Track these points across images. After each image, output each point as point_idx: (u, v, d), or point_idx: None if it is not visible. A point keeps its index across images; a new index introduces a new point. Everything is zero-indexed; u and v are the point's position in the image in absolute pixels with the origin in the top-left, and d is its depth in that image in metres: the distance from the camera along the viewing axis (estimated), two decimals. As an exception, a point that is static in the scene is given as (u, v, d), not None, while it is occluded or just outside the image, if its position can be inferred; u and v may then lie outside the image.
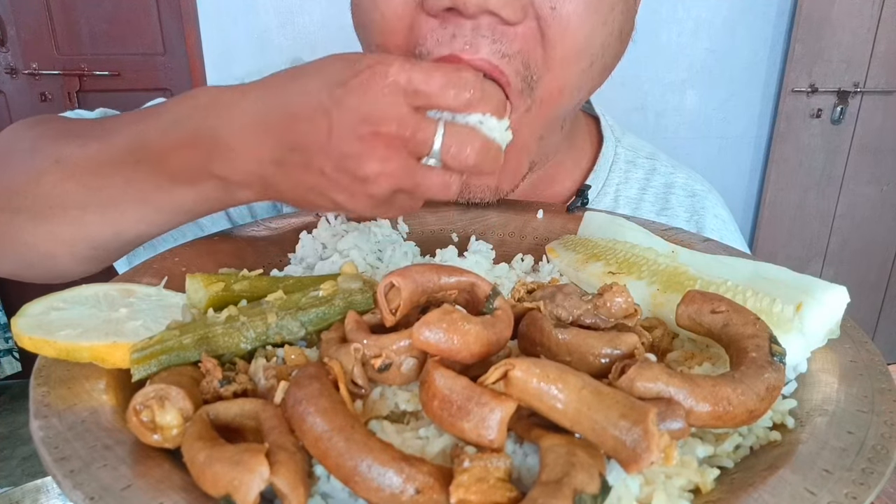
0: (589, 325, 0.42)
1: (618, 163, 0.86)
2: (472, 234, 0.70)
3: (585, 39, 0.59)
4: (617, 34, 0.62)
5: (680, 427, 0.32)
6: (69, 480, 0.31)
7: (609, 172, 0.85)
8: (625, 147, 0.88)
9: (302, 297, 0.46)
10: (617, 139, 0.88)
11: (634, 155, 0.88)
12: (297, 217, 0.68)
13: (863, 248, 3.44)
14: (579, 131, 0.86)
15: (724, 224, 0.87)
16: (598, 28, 0.59)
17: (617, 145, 0.87)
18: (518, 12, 0.55)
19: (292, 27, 2.71)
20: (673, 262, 0.53)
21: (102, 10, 2.83)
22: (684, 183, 0.88)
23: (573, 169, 0.85)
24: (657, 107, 3.13)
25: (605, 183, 0.84)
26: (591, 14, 0.58)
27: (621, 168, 0.86)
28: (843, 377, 0.42)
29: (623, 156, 0.87)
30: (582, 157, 0.86)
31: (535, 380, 0.32)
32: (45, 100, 2.92)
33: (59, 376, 0.39)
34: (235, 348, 0.42)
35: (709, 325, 0.42)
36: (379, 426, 0.36)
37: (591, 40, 0.60)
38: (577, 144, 0.85)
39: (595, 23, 0.59)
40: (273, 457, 0.31)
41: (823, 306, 0.44)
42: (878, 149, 3.26)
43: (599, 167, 0.84)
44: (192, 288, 0.47)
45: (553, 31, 0.57)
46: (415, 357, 0.38)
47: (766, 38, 3.08)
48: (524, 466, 0.34)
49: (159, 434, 0.35)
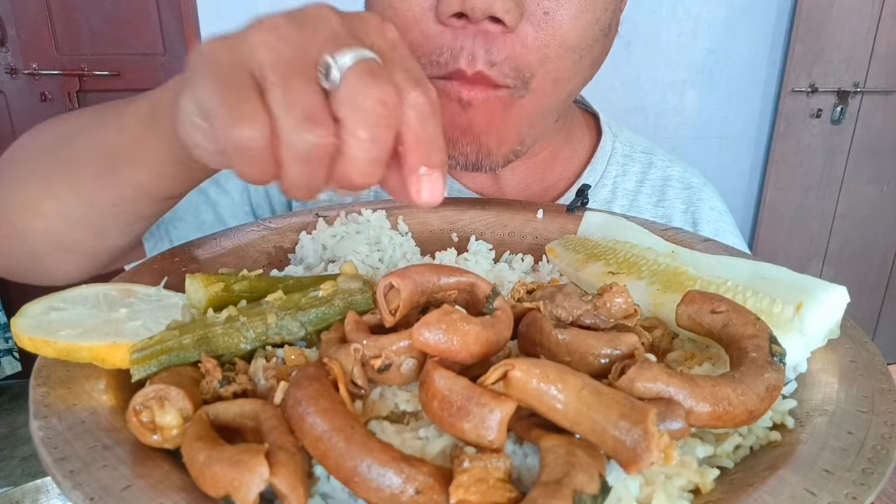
0: (589, 325, 0.42)
1: (615, 156, 0.89)
2: (472, 234, 0.70)
3: (577, 38, 0.63)
4: (605, 30, 0.66)
5: (680, 427, 0.32)
6: (69, 481, 0.31)
7: (607, 165, 0.87)
8: (622, 142, 0.91)
9: (302, 297, 0.46)
10: (615, 134, 0.91)
11: (631, 150, 0.91)
12: (297, 217, 0.68)
13: (863, 248, 3.44)
14: (577, 125, 0.89)
15: (720, 216, 0.89)
16: (591, 26, 0.63)
17: (615, 140, 0.90)
18: (516, 17, 0.58)
19: (292, 27, 2.71)
20: (673, 262, 0.53)
21: (102, 10, 2.83)
22: (681, 176, 0.91)
23: (570, 160, 0.87)
24: (657, 107, 3.12)
25: (602, 175, 0.87)
26: (583, 14, 0.62)
27: (619, 161, 0.89)
28: (843, 377, 0.42)
29: (620, 150, 0.90)
30: (580, 149, 0.89)
31: (535, 380, 0.32)
32: (45, 100, 2.92)
33: (59, 376, 0.39)
34: (235, 349, 0.42)
35: (709, 326, 0.42)
36: (379, 426, 0.36)
37: (582, 39, 0.63)
38: (574, 137, 0.88)
39: (587, 21, 0.62)
40: (273, 457, 0.31)
41: (823, 306, 0.44)
42: (878, 149, 3.25)
43: (597, 160, 0.87)
44: (191, 288, 0.47)
45: (546, 33, 0.61)
46: (414, 357, 0.38)
47: (766, 38, 3.08)
48: (524, 467, 0.34)
49: (159, 434, 0.35)
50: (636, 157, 0.91)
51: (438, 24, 0.61)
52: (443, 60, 0.61)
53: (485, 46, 0.60)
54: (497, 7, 0.56)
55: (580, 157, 0.88)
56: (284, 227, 0.67)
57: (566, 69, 0.64)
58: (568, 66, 0.64)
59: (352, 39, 0.38)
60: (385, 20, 0.43)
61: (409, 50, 0.42)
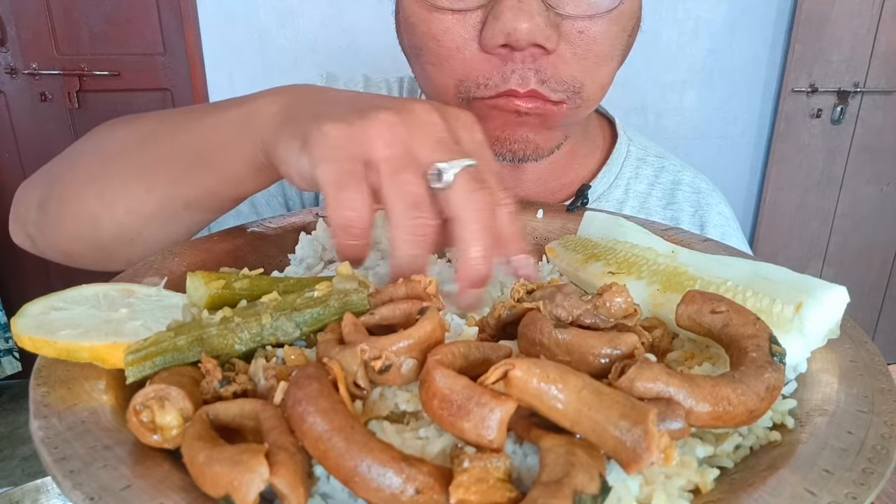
0: (588, 325, 0.42)
1: (629, 159, 0.92)
2: (472, 234, 0.70)
3: (609, 48, 0.68)
4: (631, 32, 0.71)
5: (680, 427, 0.32)
6: (69, 480, 0.31)
7: (621, 168, 0.91)
8: (636, 146, 0.95)
9: (297, 297, 0.46)
10: (629, 139, 0.95)
11: (645, 153, 0.95)
12: (297, 217, 0.68)
13: (863, 248, 3.44)
14: (593, 127, 0.93)
15: (726, 221, 0.92)
16: (620, 35, 0.69)
17: (629, 144, 0.94)
18: (555, 42, 0.64)
19: (292, 28, 2.71)
20: (673, 262, 0.53)
21: (102, 10, 2.83)
22: (691, 181, 0.94)
23: (587, 159, 0.91)
24: (657, 107, 3.13)
25: (616, 176, 0.90)
26: (612, 26, 0.67)
27: (632, 164, 0.92)
28: (843, 377, 0.42)
29: (634, 153, 0.93)
30: (596, 149, 0.92)
31: (536, 380, 0.32)
32: (45, 100, 2.92)
33: (59, 376, 0.39)
34: (230, 349, 0.42)
35: (709, 326, 0.42)
36: (379, 426, 0.36)
37: (615, 47, 0.69)
38: (590, 138, 0.92)
39: (617, 33, 0.68)
40: (273, 457, 0.31)
41: (823, 306, 0.44)
42: (878, 149, 3.25)
43: (612, 161, 0.90)
44: (192, 286, 0.47)
45: (582, 48, 0.66)
46: (414, 358, 0.38)
47: (766, 38, 3.08)
48: (524, 466, 0.34)
49: (159, 434, 0.35)
50: (649, 160, 0.94)
51: (482, 53, 0.65)
52: (492, 83, 0.66)
53: (533, 68, 0.65)
54: (538, 36, 0.62)
55: (596, 157, 0.92)
56: (285, 227, 0.67)
57: (607, 75, 0.70)
58: (608, 73, 0.70)
59: (455, 146, 0.47)
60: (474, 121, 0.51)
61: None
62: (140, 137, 0.66)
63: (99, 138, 0.69)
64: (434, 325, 0.39)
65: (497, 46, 0.63)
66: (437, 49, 0.67)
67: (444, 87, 0.69)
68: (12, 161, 3.00)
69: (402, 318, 0.43)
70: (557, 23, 0.64)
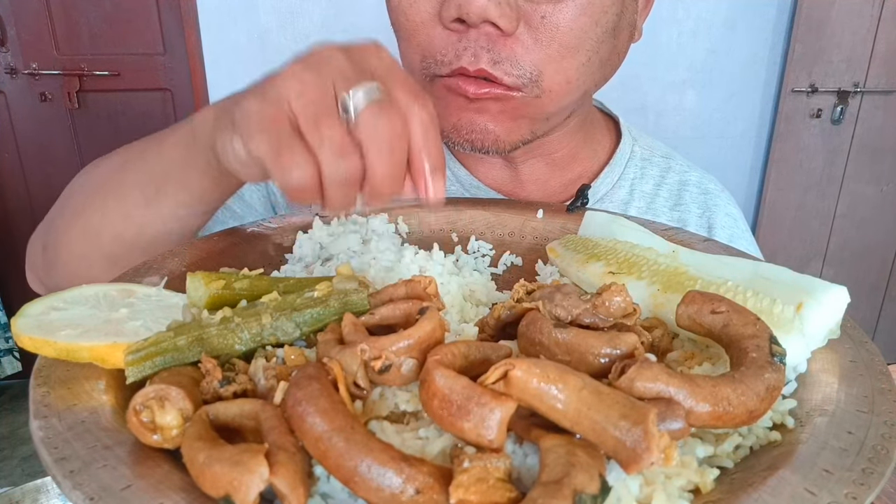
0: (588, 324, 0.42)
1: (634, 159, 0.91)
2: (471, 234, 0.70)
3: (577, 39, 0.66)
4: (611, 31, 0.69)
5: (680, 427, 0.32)
6: (69, 481, 0.31)
7: (625, 168, 0.89)
8: (641, 146, 0.93)
9: (297, 297, 0.46)
10: (634, 139, 0.93)
11: (650, 153, 0.93)
12: (296, 217, 0.68)
13: (863, 248, 3.44)
14: (597, 127, 0.91)
15: (734, 222, 0.90)
16: (590, 28, 0.66)
17: (634, 144, 0.92)
18: (512, 22, 0.63)
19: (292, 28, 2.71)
20: (673, 262, 0.53)
21: (102, 10, 2.82)
22: (698, 181, 0.93)
23: (590, 160, 0.89)
24: (657, 107, 3.12)
25: (620, 176, 0.88)
26: (580, 17, 0.65)
27: (637, 164, 0.90)
28: (843, 377, 0.42)
29: (639, 153, 0.92)
30: (600, 150, 0.91)
31: (535, 380, 0.32)
32: (45, 100, 2.91)
33: (59, 376, 0.39)
34: (230, 349, 0.42)
35: (709, 326, 0.42)
36: (379, 426, 0.36)
37: (584, 39, 0.66)
38: (594, 138, 0.90)
39: (585, 24, 0.66)
40: (273, 457, 0.31)
41: (823, 306, 0.44)
42: (878, 149, 3.25)
43: (616, 161, 0.89)
44: (192, 286, 0.47)
45: (544, 35, 0.65)
46: (414, 358, 0.38)
47: (766, 38, 3.07)
48: (524, 466, 0.34)
49: (159, 434, 0.35)
50: (655, 160, 0.92)
51: (444, 29, 0.65)
52: (447, 59, 0.66)
53: (486, 47, 0.64)
54: (492, 13, 0.61)
55: (600, 157, 0.90)
56: (284, 227, 0.67)
57: (574, 69, 0.68)
58: (576, 67, 0.68)
59: (358, 74, 0.46)
60: (378, 46, 0.50)
61: (404, 67, 0.51)
62: (114, 168, 0.68)
63: (83, 177, 0.73)
64: (434, 325, 0.39)
65: (452, 20, 0.63)
66: (406, 23, 0.68)
67: (412, 63, 0.70)
68: (12, 161, 2.99)
69: (402, 318, 0.43)
70: (519, 5, 0.63)
